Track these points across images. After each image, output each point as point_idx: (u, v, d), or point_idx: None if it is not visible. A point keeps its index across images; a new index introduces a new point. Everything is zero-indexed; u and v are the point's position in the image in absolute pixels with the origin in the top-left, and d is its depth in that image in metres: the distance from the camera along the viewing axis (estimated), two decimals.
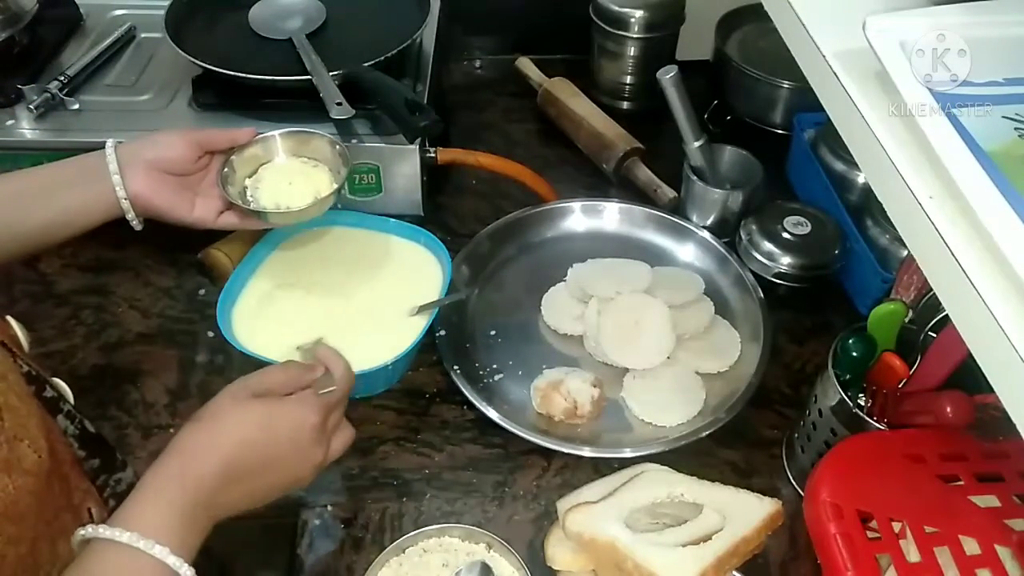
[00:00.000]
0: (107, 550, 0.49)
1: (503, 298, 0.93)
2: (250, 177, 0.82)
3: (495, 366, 0.86)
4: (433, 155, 0.96)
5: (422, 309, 0.81)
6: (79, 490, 0.55)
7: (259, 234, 0.88)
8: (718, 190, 0.96)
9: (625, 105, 1.19)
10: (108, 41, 1.03)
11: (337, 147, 0.83)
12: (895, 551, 0.59)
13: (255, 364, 0.76)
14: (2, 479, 0.44)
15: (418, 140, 0.91)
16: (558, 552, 0.69)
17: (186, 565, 0.50)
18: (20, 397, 0.49)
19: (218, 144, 0.79)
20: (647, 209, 1.00)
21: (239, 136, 0.81)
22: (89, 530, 0.49)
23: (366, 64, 0.91)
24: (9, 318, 0.61)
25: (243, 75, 0.90)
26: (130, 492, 0.52)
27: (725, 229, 0.97)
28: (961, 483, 0.64)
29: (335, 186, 0.80)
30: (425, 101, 0.92)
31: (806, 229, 0.92)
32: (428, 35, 1.06)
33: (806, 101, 1.05)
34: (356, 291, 0.86)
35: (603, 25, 1.12)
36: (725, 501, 0.69)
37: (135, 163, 0.72)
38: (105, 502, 0.58)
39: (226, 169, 0.80)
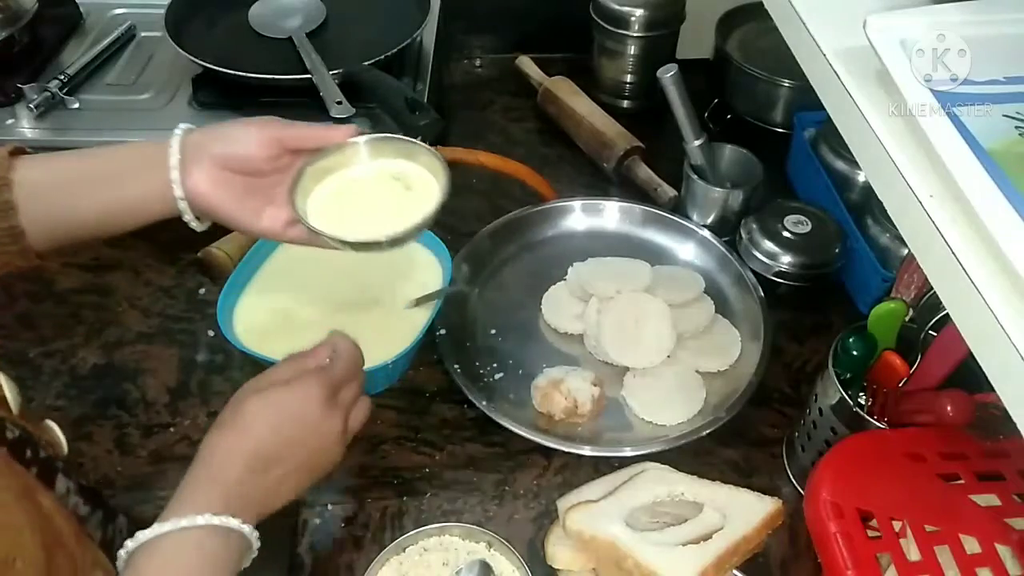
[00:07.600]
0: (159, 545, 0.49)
1: (503, 297, 0.93)
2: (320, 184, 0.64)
3: (495, 365, 0.86)
4: None
5: (419, 301, 0.80)
6: (85, 564, 0.52)
7: None
8: (718, 189, 0.96)
9: (625, 104, 1.18)
10: (108, 40, 1.03)
11: (438, 161, 0.64)
12: (895, 550, 0.59)
13: (255, 363, 0.76)
14: None
15: (418, 139, 0.91)
16: (558, 551, 0.69)
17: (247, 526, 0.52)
18: (17, 498, 0.47)
19: (305, 143, 0.62)
20: (647, 208, 0.99)
21: (334, 135, 0.63)
22: (139, 537, 0.50)
23: (366, 63, 0.91)
24: None
25: (243, 74, 0.90)
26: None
27: (725, 228, 0.97)
28: (961, 482, 0.64)
29: (425, 214, 0.60)
30: (425, 100, 0.92)
31: (806, 228, 0.91)
32: (428, 34, 1.06)
33: (806, 100, 1.04)
34: (356, 290, 0.86)
35: (603, 24, 1.12)
36: (725, 500, 0.69)
37: (199, 157, 0.59)
38: (115, 558, 0.54)
39: (307, 172, 0.62)
